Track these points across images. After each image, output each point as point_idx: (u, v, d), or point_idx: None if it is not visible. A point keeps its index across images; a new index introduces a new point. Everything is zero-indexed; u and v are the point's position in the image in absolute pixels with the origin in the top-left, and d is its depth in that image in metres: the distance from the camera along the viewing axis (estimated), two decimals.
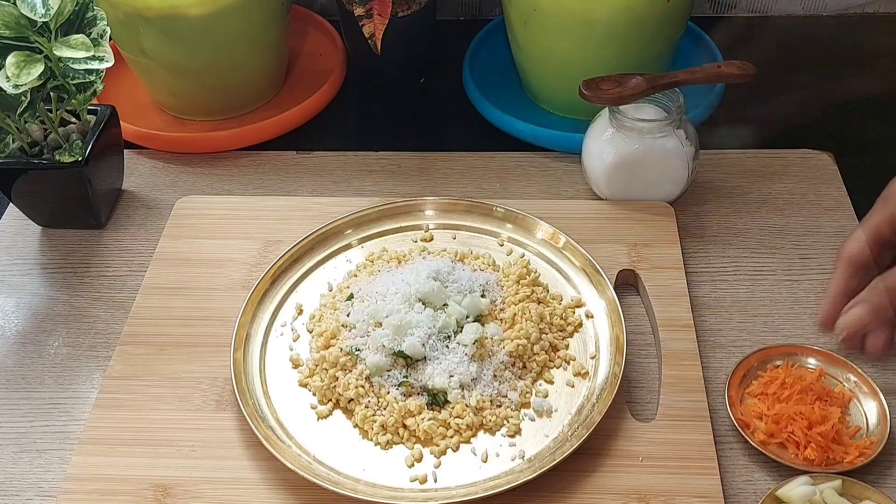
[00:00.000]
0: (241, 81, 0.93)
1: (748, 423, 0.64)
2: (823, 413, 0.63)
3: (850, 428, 0.63)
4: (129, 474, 0.63)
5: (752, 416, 0.64)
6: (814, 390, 0.64)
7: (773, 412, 0.63)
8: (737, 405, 0.65)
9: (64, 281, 0.80)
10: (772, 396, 0.65)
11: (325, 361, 0.68)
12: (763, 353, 0.68)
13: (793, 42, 1.05)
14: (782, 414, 0.63)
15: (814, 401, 0.64)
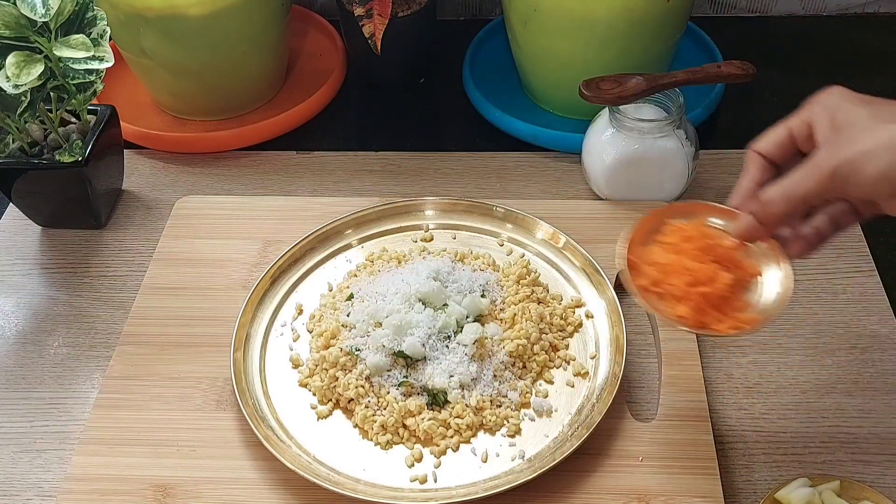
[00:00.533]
0: (241, 81, 0.93)
1: (638, 267, 0.59)
2: (712, 274, 0.57)
3: (740, 301, 0.58)
4: (129, 474, 0.63)
5: (646, 262, 0.60)
6: (716, 252, 0.58)
7: (664, 261, 0.59)
8: (638, 247, 0.60)
9: (64, 281, 0.80)
10: (671, 247, 0.60)
11: (325, 361, 0.68)
12: (699, 206, 0.62)
13: (793, 42, 1.05)
14: (672, 265, 0.58)
15: (709, 261, 0.58)
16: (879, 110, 0.50)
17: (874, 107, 0.51)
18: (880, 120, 0.49)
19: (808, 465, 0.63)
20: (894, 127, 0.49)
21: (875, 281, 0.75)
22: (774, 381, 0.69)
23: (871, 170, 0.48)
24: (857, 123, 0.50)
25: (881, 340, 0.71)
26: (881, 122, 0.49)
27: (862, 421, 0.66)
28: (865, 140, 0.49)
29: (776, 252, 0.58)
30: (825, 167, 0.50)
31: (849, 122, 0.50)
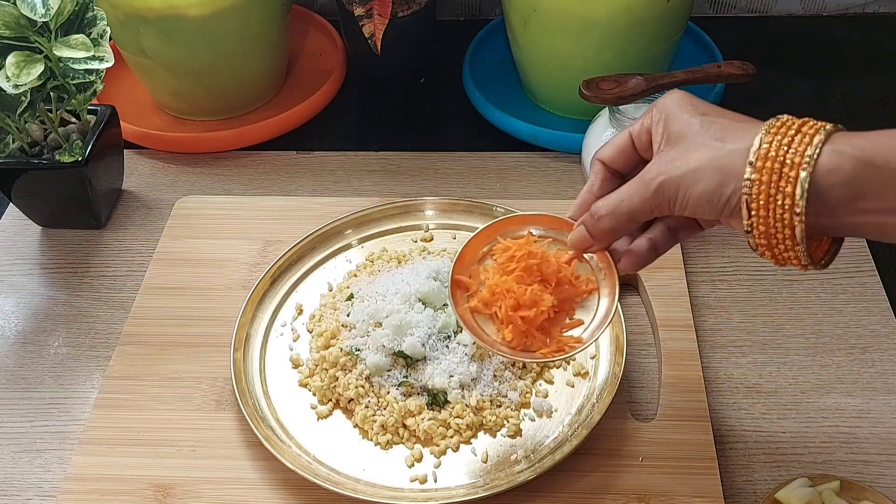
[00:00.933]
0: (241, 81, 0.93)
1: (468, 286, 0.58)
2: (534, 297, 0.56)
3: (572, 321, 0.58)
4: (129, 474, 0.63)
5: (480, 280, 0.59)
6: (543, 272, 0.57)
7: (492, 282, 0.58)
8: (468, 264, 0.59)
9: (64, 281, 0.80)
10: (500, 267, 0.58)
11: (325, 361, 0.68)
12: (537, 218, 0.60)
13: (793, 42, 1.05)
14: (498, 286, 0.57)
15: (533, 282, 0.57)
16: (710, 124, 0.48)
17: (706, 119, 0.48)
18: (710, 135, 0.47)
19: (808, 465, 0.63)
20: (720, 146, 0.46)
21: (875, 281, 0.75)
22: (774, 381, 0.69)
23: (694, 191, 0.47)
24: (686, 137, 0.48)
25: (881, 340, 0.71)
26: (710, 139, 0.47)
27: (861, 421, 0.66)
28: (690, 158, 0.47)
29: (608, 265, 0.56)
30: (650, 185, 0.49)
31: (680, 134, 0.49)
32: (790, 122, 0.46)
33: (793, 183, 0.44)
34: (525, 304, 0.57)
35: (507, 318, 0.57)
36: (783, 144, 0.44)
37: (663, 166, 0.48)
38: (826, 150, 0.43)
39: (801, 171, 0.44)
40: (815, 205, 0.44)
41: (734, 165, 0.45)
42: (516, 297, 0.57)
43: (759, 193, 0.45)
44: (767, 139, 0.45)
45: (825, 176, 0.43)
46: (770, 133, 0.45)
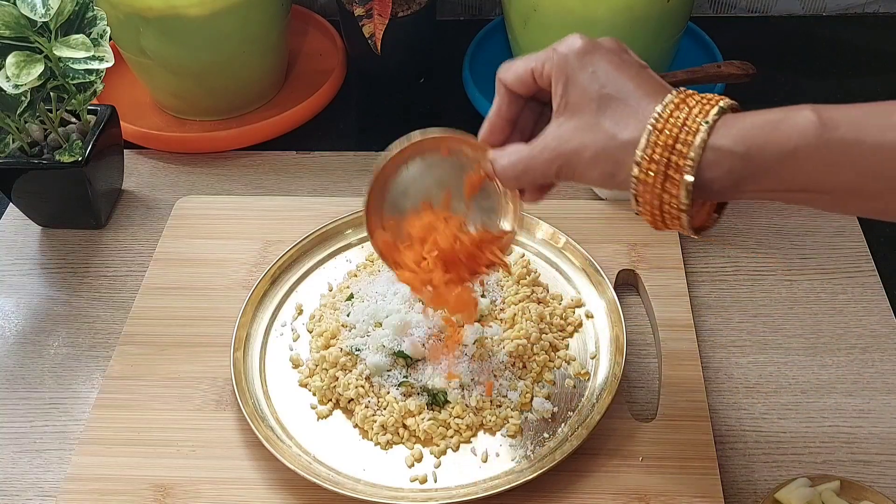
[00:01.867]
0: (241, 81, 0.93)
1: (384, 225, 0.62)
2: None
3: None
4: (129, 474, 0.63)
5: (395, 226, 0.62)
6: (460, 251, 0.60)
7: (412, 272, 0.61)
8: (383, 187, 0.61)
9: (64, 281, 0.80)
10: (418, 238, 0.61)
11: (325, 361, 0.68)
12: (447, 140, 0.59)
13: (793, 42, 1.05)
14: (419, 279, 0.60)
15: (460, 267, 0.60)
16: (607, 106, 0.49)
17: (604, 99, 0.49)
18: (606, 120, 0.48)
19: (808, 465, 0.63)
20: (612, 136, 0.48)
21: (875, 281, 0.75)
22: (774, 381, 0.69)
23: (590, 175, 0.50)
24: (584, 114, 0.49)
25: (881, 340, 0.71)
26: (606, 125, 0.48)
27: (862, 421, 0.66)
28: (586, 143, 0.49)
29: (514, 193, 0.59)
30: (550, 165, 0.51)
31: (578, 107, 0.49)
32: (676, 115, 0.47)
33: (677, 185, 0.47)
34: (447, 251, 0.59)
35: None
36: (667, 146, 0.46)
37: (562, 145, 0.50)
38: (708, 147, 0.46)
39: (684, 175, 0.46)
40: (699, 194, 0.47)
41: (624, 161, 0.48)
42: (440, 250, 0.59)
43: (646, 192, 0.48)
44: (654, 137, 0.46)
45: (706, 171, 0.46)
46: (656, 130, 0.46)
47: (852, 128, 0.43)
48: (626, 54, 0.51)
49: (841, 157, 0.44)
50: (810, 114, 0.44)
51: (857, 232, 0.79)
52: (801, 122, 0.44)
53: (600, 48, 0.50)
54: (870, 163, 0.43)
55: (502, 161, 0.54)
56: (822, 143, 0.44)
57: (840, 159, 0.44)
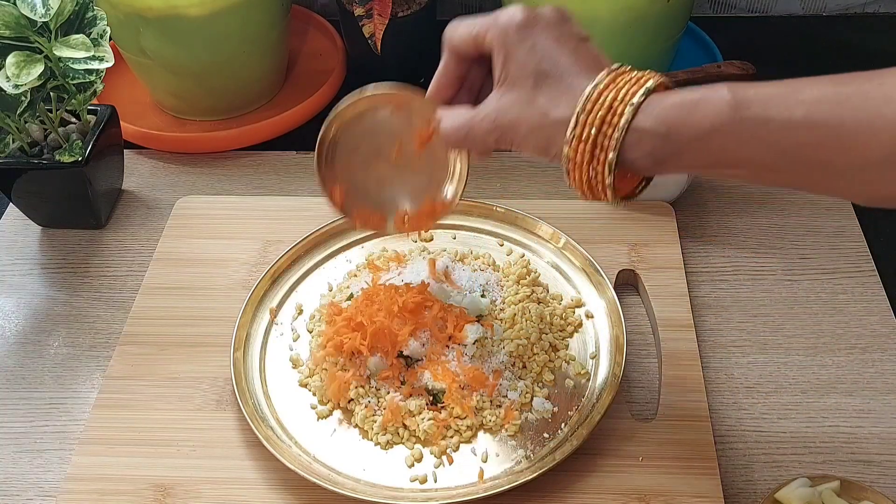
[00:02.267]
0: (241, 81, 0.93)
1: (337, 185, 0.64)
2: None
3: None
4: (129, 474, 0.63)
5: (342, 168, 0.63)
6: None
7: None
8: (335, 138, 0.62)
9: (64, 281, 0.80)
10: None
11: (326, 361, 0.68)
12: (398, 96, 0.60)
13: (793, 42, 1.05)
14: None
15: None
16: (542, 84, 0.50)
17: (540, 77, 0.50)
18: (541, 98, 0.50)
19: (808, 465, 0.63)
20: (546, 114, 0.50)
21: (875, 281, 0.75)
22: (774, 381, 0.69)
23: (525, 146, 0.52)
24: (521, 90, 0.51)
25: (881, 340, 0.71)
26: (541, 103, 0.50)
27: (862, 421, 0.66)
28: (522, 118, 0.51)
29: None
30: (488, 135, 0.53)
31: (516, 82, 0.51)
32: (605, 95, 0.48)
33: (602, 163, 0.49)
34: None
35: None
36: (594, 125, 0.48)
37: (500, 118, 0.52)
38: (631, 128, 0.48)
39: (609, 153, 0.48)
40: (623, 170, 0.50)
41: (556, 137, 0.50)
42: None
43: (575, 168, 0.50)
44: (583, 118, 0.48)
45: (629, 151, 0.48)
46: (586, 111, 0.48)
47: (763, 106, 0.45)
48: (566, 25, 0.52)
49: (752, 135, 0.45)
50: (726, 93, 0.46)
51: (857, 232, 0.79)
52: (716, 101, 0.46)
53: (540, 21, 0.51)
54: (778, 139, 0.45)
55: (446, 123, 0.56)
56: (735, 122, 0.45)
57: (752, 137, 0.45)
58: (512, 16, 0.51)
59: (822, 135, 0.43)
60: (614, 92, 0.48)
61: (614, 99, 0.48)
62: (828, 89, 0.45)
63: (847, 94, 0.44)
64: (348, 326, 0.67)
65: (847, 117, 0.43)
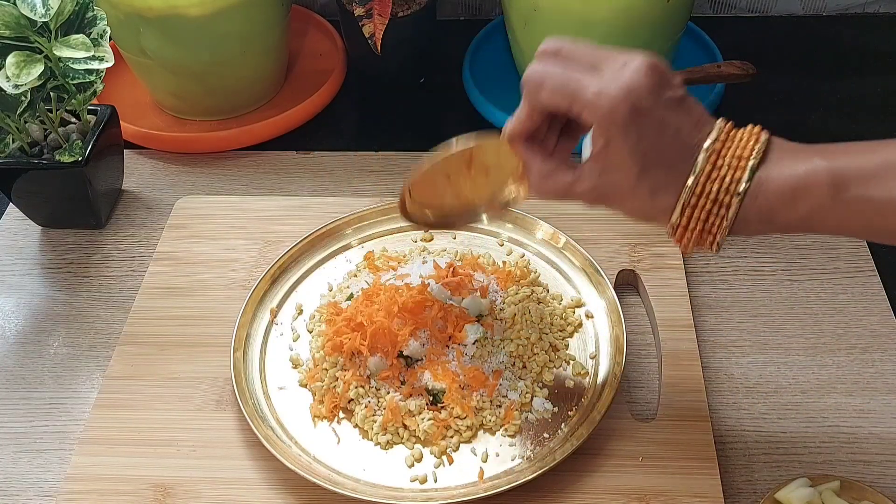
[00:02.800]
0: (241, 81, 0.93)
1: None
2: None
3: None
4: (129, 474, 0.63)
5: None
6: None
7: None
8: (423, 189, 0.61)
9: (64, 281, 0.80)
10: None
11: (326, 361, 0.68)
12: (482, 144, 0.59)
13: (793, 42, 1.05)
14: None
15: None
16: (645, 176, 0.50)
17: (644, 169, 0.50)
18: (643, 188, 0.51)
19: (808, 465, 0.63)
20: (650, 202, 0.51)
21: (875, 281, 0.75)
22: (774, 381, 0.69)
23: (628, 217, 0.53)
24: (622, 181, 0.51)
25: (881, 340, 0.71)
26: (642, 192, 0.51)
27: (862, 421, 0.66)
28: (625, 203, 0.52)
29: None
30: (591, 199, 0.53)
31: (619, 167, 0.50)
32: (710, 185, 0.49)
33: (707, 245, 0.51)
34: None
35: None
36: (700, 219, 0.50)
37: (602, 194, 0.52)
38: (738, 218, 0.49)
39: (716, 238, 0.50)
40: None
41: (660, 220, 0.52)
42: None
43: (680, 241, 0.52)
44: (688, 212, 0.50)
45: (733, 233, 0.50)
46: (691, 205, 0.50)
47: (862, 186, 0.47)
48: (666, 92, 0.49)
49: (852, 215, 0.47)
50: (825, 176, 0.47)
51: None
52: (816, 187, 0.47)
53: (643, 111, 0.48)
54: (877, 218, 0.47)
55: (543, 185, 0.55)
56: (834, 205, 0.47)
57: (851, 217, 0.48)
58: (615, 106, 0.48)
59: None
60: (717, 184, 0.49)
61: (719, 190, 0.49)
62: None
63: None
64: (348, 326, 0.67)
65: None
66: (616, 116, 0.48)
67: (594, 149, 0.51)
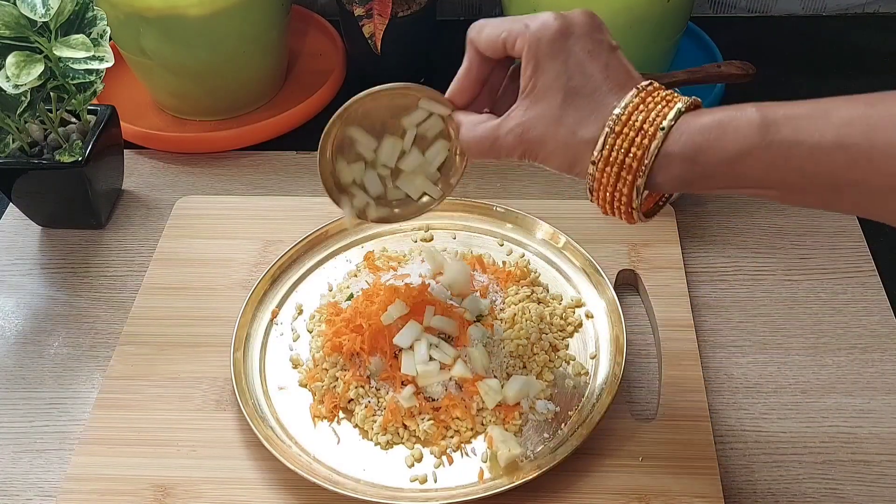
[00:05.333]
0: (241, 81, 0.93)
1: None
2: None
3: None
4: (129, 474, 0.63)
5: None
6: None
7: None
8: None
9: (64, 281, 0.80)
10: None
11: (326, 361, 0.68)
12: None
13: (793, 42, 1.05)
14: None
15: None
16: (571, 104, 0.49)
17: (570, 96, 0.50)
18: (569, 118, 0.50)
19: (808, 465, 0.63)
20: (573, 133, 0.50)
21: (875, 281, 0.75)
22: (774, 381, 0.69)
23: (549, 162, 0.52)
24: (549, 105, 0.50)
25: (881, 340, 0.71)
26: (568, 121, 0.50)
27: (862, 421, 0.66)
28: (547, 135, 0.50)
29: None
30: (513, 148, 0.52)
31: (543, 95, 0.50)
32: (634, 117, 0.48)
33: (629, 185, 0.49)
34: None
35: None
36: (623, 148, 0.48)
37: (526, 132, 0.51)
38: (660, 153, 0.47)
39: (637, 178, 0.48)
40: (649, 192, 0.50)
41: (582, 156, 0.50)
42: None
43: (599, 187, 0.50)
44: (611, 140, 0.48)
45: (656, 174, 0.48)
46: (615, 133, 0.48)
47: (792, 128, 0.45)
48: (598, 34, 0.51)
49: (782, 158, 0.45)
50: (755, 115, 0.46)
51: (857, 232, 0.79)
52: (744, 124, 0.46)
53: (573, 33, 0.50)
54: (808, 162, 0.44)
55: (468, 133, 0.55)
56: (764, 145, 0.45)
57: (781, 160, 0.45)
58: (545, 24, 0.50)
59: (852, 157, 0.43)
60: (644, 114, 0.48)
61: (644, 121, 0.48)
62: (858, 111, 0.44)
63: (878, 115, 0.43)
64: (347, 327, 0.67)
65: (878, 140, 0.43)
66: (546, 31, 0.50)
67: (522, 83, 0.51)
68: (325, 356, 0.68)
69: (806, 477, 0.62)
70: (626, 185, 0.49)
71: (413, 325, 0.66)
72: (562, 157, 0.51)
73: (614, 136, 0.48)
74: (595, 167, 0.49)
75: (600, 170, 0.49)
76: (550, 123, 0.50)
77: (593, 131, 0.49)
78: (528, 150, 0.52)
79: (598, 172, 0.49)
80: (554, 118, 0.50)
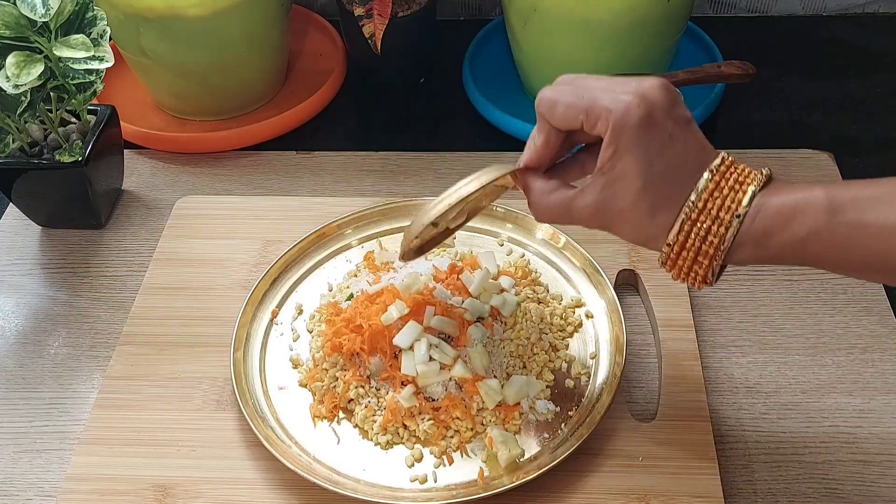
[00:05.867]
0: (241, 81, 0.93)
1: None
2: None
3: None
4: (129, 474, 0.63)
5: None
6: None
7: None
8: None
9: (64, 281, 0.80)
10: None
11: (325, 361, 0.68)
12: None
13: (793, 42, 1.05)
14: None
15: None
16: (648, 189, 0.50)
17: (648, 183, 0.50)
18: (645, 203, 0.50)
19: (807, 465, 0.63)
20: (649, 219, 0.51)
21: None
22: (774, 381, 0.69)
23: (623, 236, 0.53)
24: (626, 191, 0.50)
25: (881, 340, 0.71)
26: (644, 207, 0.50)
27: (862, 421, 0.66)
28: (624, 218, 0.52)
29: None
30: (589, 218, 0.53)
31: (622, 179, 0.50)
32: (710, 204, 0.49)
33: (705, 268, 0.51)
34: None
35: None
36: (699, 235, 0.50)
37: (601, 210, 0.52)
38: (735, 240, 0.49)
39: (714, 261, 0.50)
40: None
41: (658, 237, 0.52)
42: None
43: (674, 267, 0.52)
44: (687, 227, 0.50)
45: (730, 256, 0.50)
46: (690, 220, 0.50)
47: (859, 211, 0.47)
48: (676, 110, 0.51)
49: (847, 240, 0.47)
50: (822, 198, 0.48)
51: None
52: (813, 208, 0.47)
53: (656, 119, 0.50)
54: (874, 244, 0.47)
55: (544, 201, 0.55)
56: (830, 228, 0.47)
57: (846, 242, 0.47)
58: (628, 110, 0.49)
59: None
60: (720, 200, 0.49)
61: (720, 208, 0.49)
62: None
63: None
64: (347, 328, 0.67)
65: None
66: (629, 119, 0.49)
67: (601, 161, 0.52)
68: (325, 356, 0.68)
69: (806, 477, 0.62)
70: (702, 267, 0.51)
71: (413, 325, 0.66)
72: (636, 235, 0.53)
73: (690, 223, 0.50)
74: (671, 249, 0.51)
75: (676, 252, 0.51)
76: (627, 206, 0.51)
77: (669, 217, 0.50)
78: (601, 224, 0.53)
79: (675, 255, 0.51)
80: (631, 202, 0.51)
